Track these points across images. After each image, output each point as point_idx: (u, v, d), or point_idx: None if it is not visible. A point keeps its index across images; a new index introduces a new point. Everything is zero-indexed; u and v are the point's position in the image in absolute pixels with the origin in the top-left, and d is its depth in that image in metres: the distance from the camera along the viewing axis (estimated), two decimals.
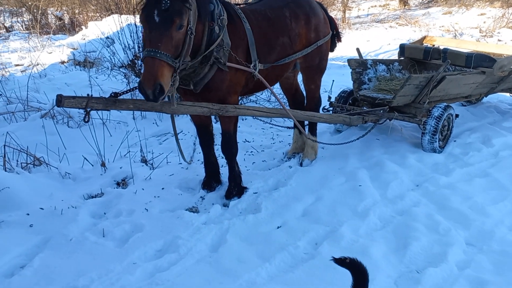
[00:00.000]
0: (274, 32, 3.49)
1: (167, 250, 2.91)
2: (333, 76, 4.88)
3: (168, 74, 2.58)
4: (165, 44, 2.56)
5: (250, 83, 3.41)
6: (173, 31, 2.56)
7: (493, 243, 2.94)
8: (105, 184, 3.82)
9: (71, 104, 2.63)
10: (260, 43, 3.33)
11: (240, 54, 3.20)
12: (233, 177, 3.62)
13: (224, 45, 3.04)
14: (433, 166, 4.16)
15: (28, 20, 13.87)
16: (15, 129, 4.64)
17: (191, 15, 2.68)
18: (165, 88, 2.57)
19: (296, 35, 3.64)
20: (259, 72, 3.33)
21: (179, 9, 2.55)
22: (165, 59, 2.54)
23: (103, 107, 2.77)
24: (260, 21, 3.42)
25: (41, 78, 7.09)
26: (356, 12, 17.84)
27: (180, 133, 5.03)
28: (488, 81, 4.98)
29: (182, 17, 2.57)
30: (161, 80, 2.53)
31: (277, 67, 3.56)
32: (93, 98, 2.71)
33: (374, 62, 5.13)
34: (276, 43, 3.49)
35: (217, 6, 2.99)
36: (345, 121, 4.23)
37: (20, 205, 3.36)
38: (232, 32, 3.15)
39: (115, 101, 2.80)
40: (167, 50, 2.56)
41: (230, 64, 3.10)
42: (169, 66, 2.58)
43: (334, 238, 2.96)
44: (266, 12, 3.51)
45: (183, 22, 2.58)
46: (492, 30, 12.41)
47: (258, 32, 3.35)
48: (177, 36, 2.60)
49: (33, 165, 4.01)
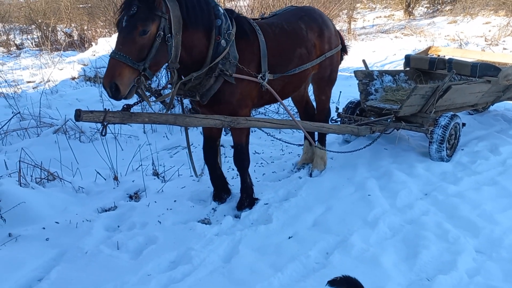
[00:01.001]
0: (292, 44, 3.58)
1: (180, 261, 2.96)
2: (340, 87, 4.93)
3: (127, 75, 2.67)
4: (127, 47, 2.67)
5: (265, 95, 3.47)
6: (136, 35, 2.68)
7: (503, 250, 2.96)
8: (118, 197, 3.90)
9: (89, 118, 2.71)
10: (276, 55, 3.42)
11: (252, 66, 3.29)
12: (245, 188, 3.67)
13: (231, 58, 3.13)
14: (441, 175, 4.19)
15: (38, 37, 14.15)
16: (29, 144, 4.74)
17: (165, 23, 2.77)
18: (121, 87, 2.66)
19: (312, 46, 3.73)
20: (274, 83, 3.42)
21: (144, 16, 2.67)
22: (124, 60, 2.65)
23: (120, 120, 2.85)
24: (277, 34, 3.51)
25: (52, 94, 7.24)
26: (361, 23, 17.95)
27: (191, 146, 5.10)
28: (494, 89, 5.02)
29: (146, 24, 2.68)
30: (117, 80, 2.64)
31: (294, 79, 3.64)
32: (110, 112, 2.79)
33: (380, 73, 5.20)
34: (294, 55, 3.58)
35: (225, 21, 3.10)
36: (353, 131, 4.28)
37: (36, 219, 3.44)
38: (244, 46, 3.25)
39: (131, 115, 2.88)
40: (128, 53, 2.66)
41: (236, 75, 3.17)
42: (129, 68, 2.68)
43: (344, 248, 3.00)
44: (283, 25, 3.60)
45: (147, 28, 2.69)
46: (497, 39, 12.45)
47: (275, 44, 3.44)
48: (140, 41, 2.70)
49: (47, 180, 4.10)
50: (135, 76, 2.71)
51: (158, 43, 2.74)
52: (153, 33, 2.72)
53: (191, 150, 3.69)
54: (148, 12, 2.67)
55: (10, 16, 16.54)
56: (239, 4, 11.18)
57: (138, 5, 2.66)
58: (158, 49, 2.77)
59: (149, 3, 2.68)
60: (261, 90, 3.38)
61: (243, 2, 11.47)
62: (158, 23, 2.72)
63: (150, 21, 2.68)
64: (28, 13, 15.01)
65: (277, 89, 3.45)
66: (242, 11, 10.22)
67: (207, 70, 3.08)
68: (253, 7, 10.18)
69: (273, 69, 3.40)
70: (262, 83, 3.29)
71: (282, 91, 3.58)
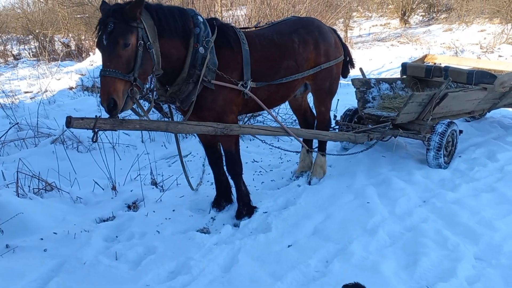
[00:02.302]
0: (279, 55, 3.59)
1: (180, 271, 2.95)
2: (338, 95, 4.95)
3: (121, 88, 2.74)
4: (114, 62, 2.74)
5: (250, 103, 3.49)
6: (119, 50, 2.74)
7: (502, 257, 2.95)
8: (116, 207, 3.89)
9: (79, 125, 2.74)
10: (260, 65, 3.44)
11: (235, 74, 3.32)
12: (240, 196, 3.68)
13: (209, 65, 3.17)
14: (439, 182, 4.20)
15: (36, 47, 14.19)
16: (27, 155, 4.74)
17: (143, 32, 2.83)
18: (119, 101, 2.73)
19: (304, 59, 3.74)
20: (260, 91, 3.44)
21: (122, 30, 2.74)
22: (115, 75, 2.72)
23: (111, 127, 2.87)
24: (264, 45, 3.54)
25: (50, 104, 7.24)
26: (357, 31, 18.10)
27: (189, 155, 5.12)
28: (490, 97, 5.05)
29: (126, 37, 2.75)
30: (114, 95, 2.71)
31: (281, 88, 3.66)
32: (100, 118, 2.82)
33: (377, 81, 5.23)
34: (280, 66, 3.59)
35: (204, 29, 3.16)
36: (350, 139, 4.29)
37: (34, 230, 3.43)
38: (227, 54, 3.29)
39: (122, 122, 2.89)
40: (117, 68, 2.73)
41: (215, 82, 3.21)
42: (121, 81, 2.74)
43: (344, 256, 2.99)
44: (273, 37, 3.62)
45: (127, 41, 2.75)
46: (492, 46, 12.56)
47: (261, 54, 3.47)
48: (125, 54, 2.77)
49: (45, 190, 4.09)
50: (128, 88, 2.78)
51: (141, 52, 2.82)
52: (134, 43, 2.80)
53: (183, 161, 3.71)
54: (124, 25, 2.75)
55: (8, 26, 16.60)
56: (237, 13, 11.24)
57: (113, 21, 2.74)
58: (143, 57, 2.84)
59: (124, 17, 2.75)
60: (245, 98, 3.41)
61: (240, 12, 11.54)
62: (136, 33, 2.80)
63: (129, 33, 2.76)
64: (25, 23, 15.09)
65: (262, 97, 3.48)
66: (240, 20, 10.28)
67: (186, 77, 3.14)
68: (250, 16, 10.23)
69: (257, 78, 3.43)
70: (244, 90, 3.32)
71: (269, 99, 3.60)
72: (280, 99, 3.86)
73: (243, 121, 5.94)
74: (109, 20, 2.74)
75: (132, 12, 2.74)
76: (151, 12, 2.91)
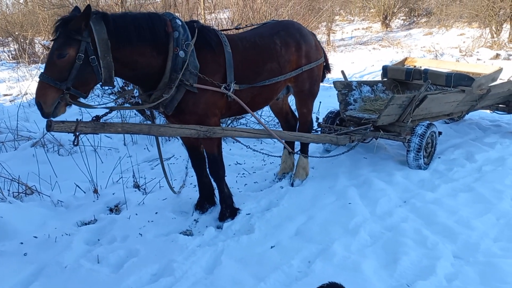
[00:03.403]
0: (262, 58, 3.61)
1: (162, 274, 2.94)
2: (320, 97, 5.02)
3: (50, 94, 2.76)
4: (49, 69, 2.79)
5: (233, 106, 3.50)
6: (55, 58, 2.78)
7: (479, 255, 3.03)
8: (98, 210, 3.85)
9: (60, 128, 2.74)
10: (243, 67, 3.46)
11: (217, 77, 3.32)
12: (223, 198, 3.68)
13: (190, 68, 3.16)
14: (419, 182, 4.28)
15: (15, 49, 13.95)
16: (6, 158, 4.66)
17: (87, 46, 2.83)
18: (44, 106, 2.76)
19: (286, 61, 3.77)
20: (243, 94, 3.46)
21: (62, 41, 2.77)
22: (47, 81, 2.76)
23: (92, 130, 2.86)
24: (247, 48, 3.55)
25: (30, 107, 7.12)
26: (340, 35, 18.29)
27: (172, 158, 5.10)
28: (468, 99, 5.17)
29: (63, 48, 2.76)
30: (41, 99, 2.76)
31: (264, 91, 3.68)
32: (82, 122, 2.82)
33: (359, 83, 5.30)
34: (263, 69, 3.61)
35: (183, 32, 3.15)
36: (332, 141, 4.34)
37: (14, 234, 3.37)
38: (209, 56, 3.29)
39: (104, 125, 2.88)
40: (50, 75, 2.77)
41: (198, 85, 3.20)
42: (51, 87, 2.76)
43: (326, 256, 3.02)
44: (255, 40, 3.65)
45: (63, 52, 2.77)
46: (471, 50, 12.83)
47: (243, 57, 3.48)
48: (59, 63, 2.79)
49: (25, 194, 4.03)
50: (58, 95, 2.78)
51: (79, 64, 2.81)
52: (72, 56, 2.79)
53: (164, 165, 3.69)
54: (66, 37, 2.78)
55: None
56: (220, 16, 11.26)
57: (60, 30, 2.79)
58: (80, 70, 2.82)
59: (68, 29, 2.77)
60: (228, 100, 3.41)
61: (223, 15, 11.56)
62: (77, 47, 2.80)
63: (67, 45, 2.78)
64: (4, 25, 14.80)
65: (245, 100, 3.49)
66: (223, 23, 10.29)
67: (167, 81, 3.12)
68: (233, 19, 10.25)
69: (240, 81, 3.44)
70: (227, 93, 3.33)
71: (252, 102, 3.61)
72: (263, 102, 3.88)
73: (226, 123, 5.96)
74: (58, 29, 2.79)
75: (76, 25, 2.75)
76: (108, 24, 2.88)
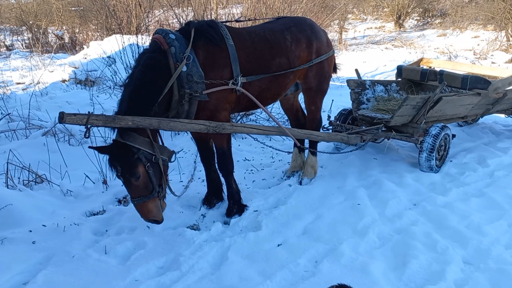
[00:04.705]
0: (270, 52, 3.59)
1: (169, 267, 2.94)
2: (332, 96, 5.00)
3: (152, 206, 3.01)
4: (136, 193, 2.98)
5: (242, 99, 3.48)
6: (133, 183, 2.96)
7: (490, 261, 2.98)
8: (106, 201, 3.86)
9: (72, 120, 2.74)
10: (251, 61, 3.44)
11: (225, 71, 3.31)
12: (230, 194, 3.67)
13: (195, 79, 3.15)
14: (430, 185, 4.23)
15: (29, 38, 14.04)
16: (17, 146, 4.68)
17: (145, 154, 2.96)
18: (157, 217, 3.03)
19: (296, 57, 3.74)
20: (251, 88, 3.44)
21: (128, 168, 2.92)
22: (143, 200, 2.97)
23: (103, 123, 2.86)
24: (256, 41, 3.54)
25: (42, 96, 7.17)
26: (352, 33, 18.16)
27: (181, 151, 5.09)
28: (484, 102, 5.09)
29: (134, 172, 2.92)
30: (149, 216, 3.01)
31: (272, 85, 3.65)
32: (93, 115, 2.81)
33: (373, 82, 5.25)
34: (272, 63, 3.59)
35: (179, 45, 3.13)
36: (343, 140, 4.30)
37: (23, 222, 3.39)
38: (213, 53, 3.28)
39: (115, 118, 2.88)
40: (140, 195, 2.97)
41: (207, 91, 3.20)
42: (148, 202, 2.99)
43: (334, 256, 3.00)
44: (265, 34, 3.62)
45: (136, 175, 2.93)
46: (486, 53, 12.66)
47: (251, 50, 3.47)
48: (141, 184, 2.97)
49: (35, 182, 4.05)
50: (158, 201, 3.04)
51: (151, 169, 2.98)
52: (143, 170, 2.95)
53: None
54: (128, 163, 2.90)
55: (1, 17, 16.39)
56: (232, 11, 11.21)
57: (119, 165, 2.91)
58: (154, 170, 3.00)
59: (124, 157, 2.90)
60: (237, 94, 3.40)
61: (236, 10, 11.51)
62: (141, 162, 2.94)
63: (134, 167, 2.92)
64: (19, 14, 14.90)
65: (254, 94, 3.47)
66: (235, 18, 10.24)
67: (178, 99, 3.15)
68: (246, 15, 10.20)
69: (248, 74, 3.42)
70: (235, 87, 3.31)
71: (260, 96, 3.58)
72: (272, 97, 3.85)
73: (236, 119, 5.94)
74: (114, 164, 2.93)
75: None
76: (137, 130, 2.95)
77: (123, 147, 2.90)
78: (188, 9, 9.09)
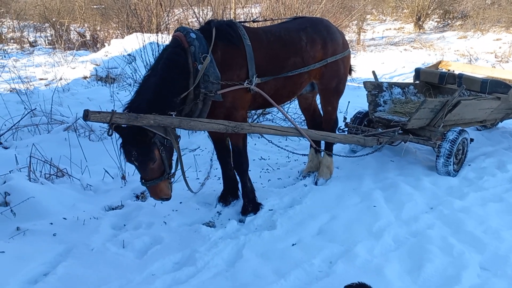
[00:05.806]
0: (286, 52, 3.62)
1: (185, 263, 2.99)
2: (349, 97, 4.98)
3: (164, 186, 3.13)
4: (150, 176, 3.08)
5: (258, 98, 3.52)
6: (149, 167, 3.04)
7: (508, 268, 2.94)
8: (125, 196, 3.94)
9: (96, 118, 2.81)
10: (266, 60, 3.47)
11: (242, 71, 3.35)
12: (245, 193, 3.71)
13: (212, 79, 3.19)
14: (447, 189, 4.19)
15: (52, 35, 14.31)
16: (39, 141, 4.79)
17: (158, 138, 3.03)
18: (167, 195, 3.16)
19: (311, 57, 3.76)
20: (266, 87, 3.47)
21: (145, 153, 2.98)
22: (155, 183, 3.08)
23: (126, 122, 2.91)
24: (271, 41, 3.57)
25: (64, 92, 7.31)
26: (370, 34, 18.01)
27: (198, 149, 5.15)
28: (503, 107, 5.02)
29: (151, 157, 3.00)
30: (161, 195, 3.15)
31: (287, 84, 3.67)
32: (117, 113, 2.86)
33: (390, 85, 5.22)
34: (287, 62, 3.62)
35: (199, 45, 3.17)
36: (359, 142, 4.30)
37: (44, 215, 3.48)
38: (231, 53, 3.32)
39: (137, 117, 2.93)
40: (154, 177, 3.07)
41: (221, 91, 3.24)
42: (160, 183, 3.10)
43: (348, 257, 3.01)
44: (280, 34, 3.65)
45: (153, 160, 3.01)
46: (507, 56, 12.43)
47: (267, 50, 3.50)
48: (156, 166, 3.06)
49: (56, 176, 4.15)
50: (169, 182, 3.17)
51: (164, 152, 3.08)
52: (158, 154, 3.05)
53: (183, 165, 3.72)
54: (145, 147, 2.97)
55: (25, 13, 16.74)
56: (251, 11, 11.25)
57: (134, 149, 2.95)
58: (166, 153, 3.11)
59: (141, 142, 2.94)
60: (253, 93, 3.43)
61: (254, 9, 11.54)
62: (155, 146, 3.02)
63: (152, 153, 3.00)
64: (42, 11, 15.20)
65: (269, 93, 3.50)
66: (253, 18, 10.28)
67: (193, 97, 3.20)
68: (264, 15, 10.23)
69: (263, 73, 3.45)
70: (250, 87, 3.34)
71: (276, 95, 3.61)
72: (287, 96, 3.88)
73: (253, 119, 5.97)
74: (128, 149, 2.97)
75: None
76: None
77: (140, 132, 2.93)
78: (207, 8, 9.15)
